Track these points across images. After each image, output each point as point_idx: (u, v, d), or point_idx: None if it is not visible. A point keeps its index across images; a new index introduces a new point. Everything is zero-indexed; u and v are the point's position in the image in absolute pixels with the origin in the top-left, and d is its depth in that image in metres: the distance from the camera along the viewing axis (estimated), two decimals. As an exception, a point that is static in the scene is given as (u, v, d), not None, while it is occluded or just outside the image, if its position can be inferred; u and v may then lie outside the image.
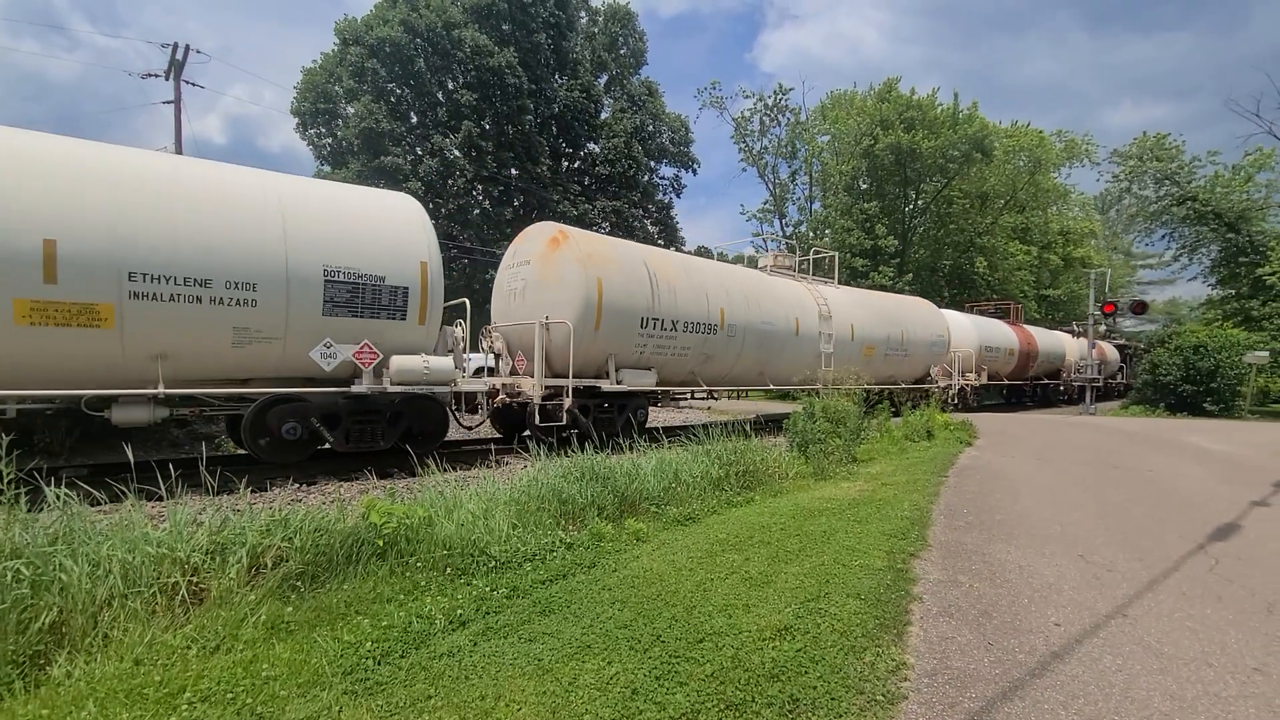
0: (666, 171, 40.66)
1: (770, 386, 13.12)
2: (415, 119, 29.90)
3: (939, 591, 3.92)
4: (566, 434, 9.34)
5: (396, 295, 7.71)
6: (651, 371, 10.74)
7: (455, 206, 29.31)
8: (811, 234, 39.09)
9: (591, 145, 35.86)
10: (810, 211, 40.87)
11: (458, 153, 29.30)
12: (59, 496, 3.55)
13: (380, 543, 3.76)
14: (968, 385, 20.75)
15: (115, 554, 3.23)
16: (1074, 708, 2.64)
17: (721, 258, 21.80)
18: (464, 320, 9.09)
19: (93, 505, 4.00)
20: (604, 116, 35.62)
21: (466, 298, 9.89)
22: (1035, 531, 5.39)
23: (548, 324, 9.51)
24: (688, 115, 39.30)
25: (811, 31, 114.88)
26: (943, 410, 17.68)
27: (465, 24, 28.44)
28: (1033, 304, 40.75)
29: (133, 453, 4.85)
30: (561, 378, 9.49)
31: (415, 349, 7.97)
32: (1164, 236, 28.36)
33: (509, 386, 9.78)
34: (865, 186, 37.53)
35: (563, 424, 9.39)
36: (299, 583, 3.45)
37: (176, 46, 18.72)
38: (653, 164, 38.07)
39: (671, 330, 10.81)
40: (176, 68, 18.81)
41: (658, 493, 5.76)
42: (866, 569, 4.19)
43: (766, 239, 42.85)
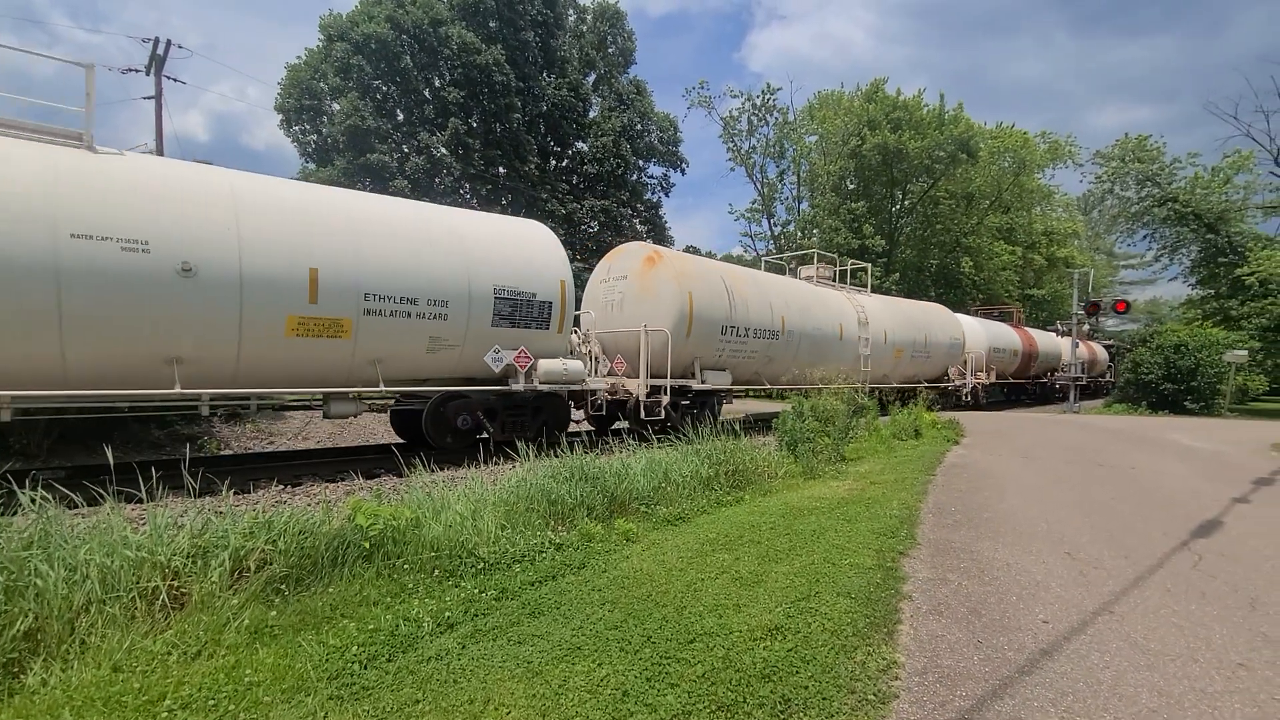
0: (655, 171, 40.64)
1: (820, 386, 13.83)
2: (401, 116, 29.64)
3: (929, 590, 3.93)
4: (658, 426, 10.40)
5: (543, 309, 9.27)
6: (727, 372, 12.35)
7: (449, 202, 29.17)
8: (799, 234, 39.27)
9: (580, 144, 35.74)
10: (798, 211, 41.08)
11: (445, 150, 29.09)
12: (34, 500, 3.46)
13: (366, 545, 3.71)
14: (979, 384, 22.01)
15: (93, 558, 3.15)
16: (1063, 705, 2.65)
17: (710, 257, 21.92)
18: (577, 329, 10.54)
19: (71, 508, 3.92)
20: (592, 115, 35.52)
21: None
22: (1022, 529, 5.43)
23: (648, 331, 10.78)
24: (676, 114, 39.36)
25: (799, 31, 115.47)
26: (956, 407, 19.76)
27: (452, 21, 28.23)
28: (1018, 304, 41.21)
29: (114, 454, 4.76)
30: (659, 378, 10.84)
31: (554, 354, 9.54)
32: (1145, 237, 28.74)
33: (616, 385, 10.99)
34: (852, 187, 37.75)
35: (660, 418, 10.67)
36: (283, 586, 3.39)
37: (158, 41, 18.45)
38: (641, 163, 38.01)
39: (744, 336, 12.48)
40: (158, 63, 18.51)
41: (647, 492, 5.74)
42: (856, 568, 4.20)
43: (755, 238, 43.02)
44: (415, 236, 8.25)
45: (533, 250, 9.45)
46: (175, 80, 19.77)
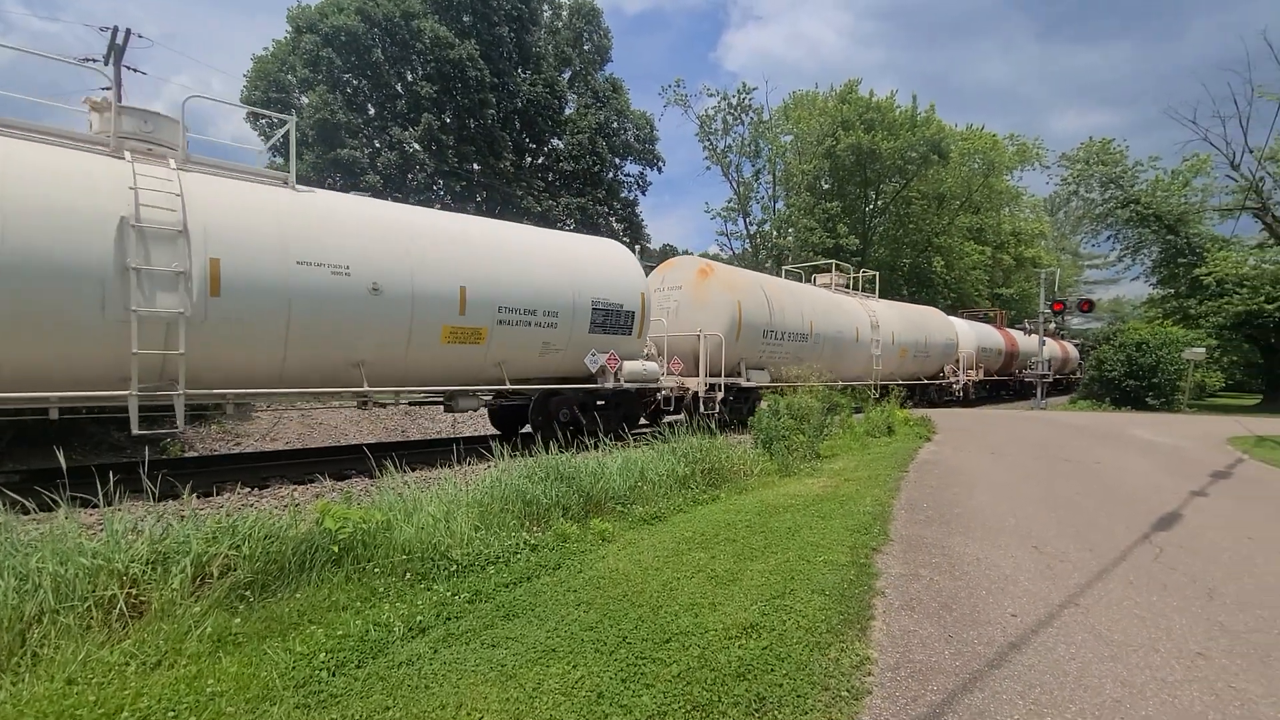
0: (631, 169, 40.58)
1: (839, 383, 15.69)
2: (373, 111, 29.13)
3: (901, 585, 3.97)
4: (714, 417, 11.57)
5: (628, 317, 10.69)
6: (765, 371, 13.88)
7: (416, 202, 28.65)
8: (775, 233, 39.57)
9: (555, 141, 35.53)
10: (774, 210, 41.36)
11: (417, 146, 28.69)
12: (-17, 506, 3.32)
13: (335, 549, 3.62)
14: (970, 380, 23.95)
15: (45, 566, 3.03)
16: (1031, 697, 2.69)
17: (687, 255, 22.30)
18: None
19: (24, 514, 3.76)
20: (568, 112, 35.32)
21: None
22: (991, 524, 5.53)
23: (705, 336, 12.20)
24: (652, 113, 39.29)
25: (774, 32, 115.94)
26: (949, 403, 21.81)
27: (424, 14, 27.82)
28: (987, 303, 42.05)
29: (73, 458, 4.59)
30: (714, 376, 12.37)
31: (634, 356, 10.92)
32: (1109, 238, 29.48)
33: (681, 384, 12.35)
34: (827, 186, 38.15)
35: (716, 411, 12.03)
36: (248, 592, 3.30)
37: (116, 31, 17.85)
38: (618, 161, 37.94)
39: (780, 339, 14.13)
40: (116, 52, 17.92)
41: (623, 492, 5.71)
42: (831, 565, 4.23)
43: (731, 237, 43.24)
44: (536, 257, 9.68)
45: (619, 267, 10.97)
46: (135, 71, 19.18)
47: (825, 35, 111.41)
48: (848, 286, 20.13)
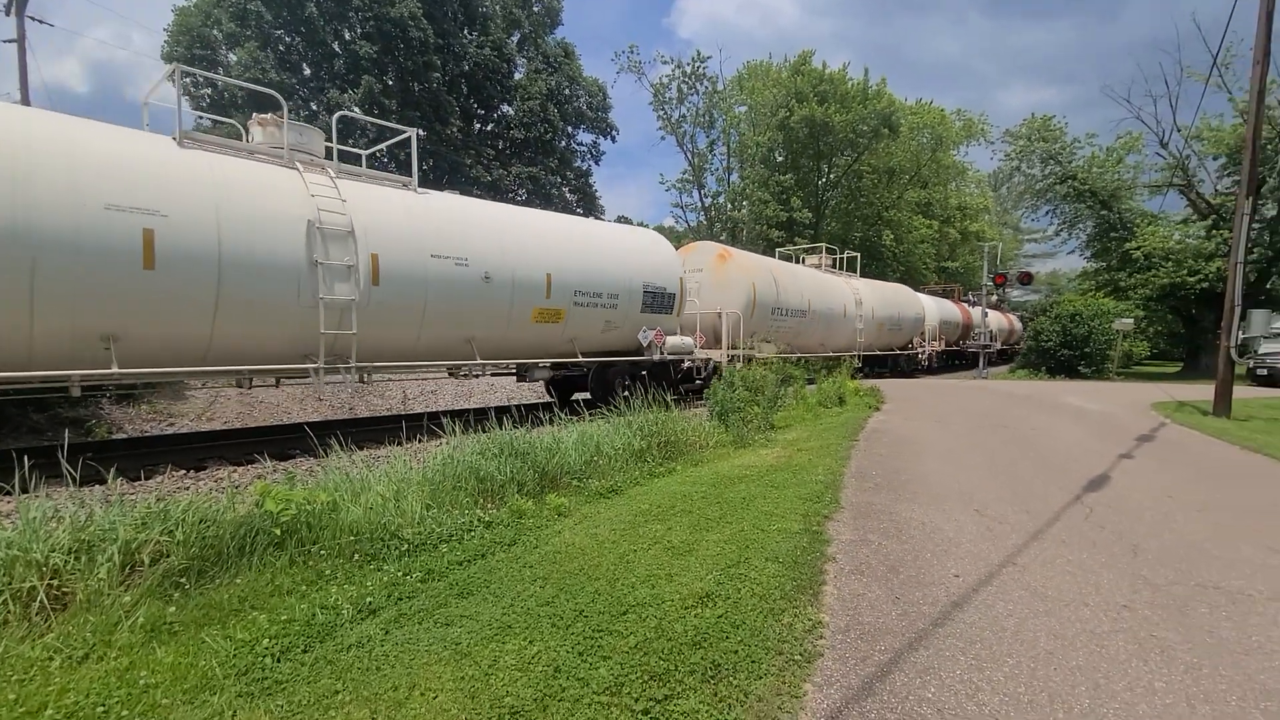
0: (584, 138, 39.84)
1: (829, 353, 18.46)
2: (308, 71, 27.61)
3: (851, 551, 4.09)
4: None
5: (670, 298, 12.38)
6: (772, 344, 15.58)
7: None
8: (730, 205, 39.63)
9: (505, 107, 34.49)
10: (728, 183, 41.36)
11: (357, 110, 27.40)
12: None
13: (278, 531, 3.48)
14: (934, 350, 26.47)
15: (-48, 559, 2.81)
16: (971, 653, 2.81)
17: (642, 227, 22.43)
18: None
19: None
20: (518, 77, 34.27)
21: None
22: (936, 490, 5.74)
23: (726, 314, 14.03)
24: (605, 80, 38.50)
25: None
26: (916, 371, 24.61)
27: (364, -32, 26.39)
28: (933, 275, 43.34)
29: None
30: (734, 349, 14.21)
31: (673, 332, 12.68)
32: (1048, 213, 30.69)
33: (706, 356, 14.05)
34: (781, 159, 38.28)
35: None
36: (183, 580, 3.14)
37: (18, -25, 16.23)
38: (570, 129, 37.15)
39: (785, 315, 16.12)
40: (18, 2, 16.34)
41: (579, 466, 5.68)
42: (784, 533, 4.31)
43: (686, 209, 43.10)
44: (601, 247, 11.34)
45: (663, 255, 12.71)
46: (42, 23, 17.57)
47: (779, 4, 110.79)
48: (834, 266, 22.21)
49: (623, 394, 10.29)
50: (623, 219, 42.42)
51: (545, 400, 13.13)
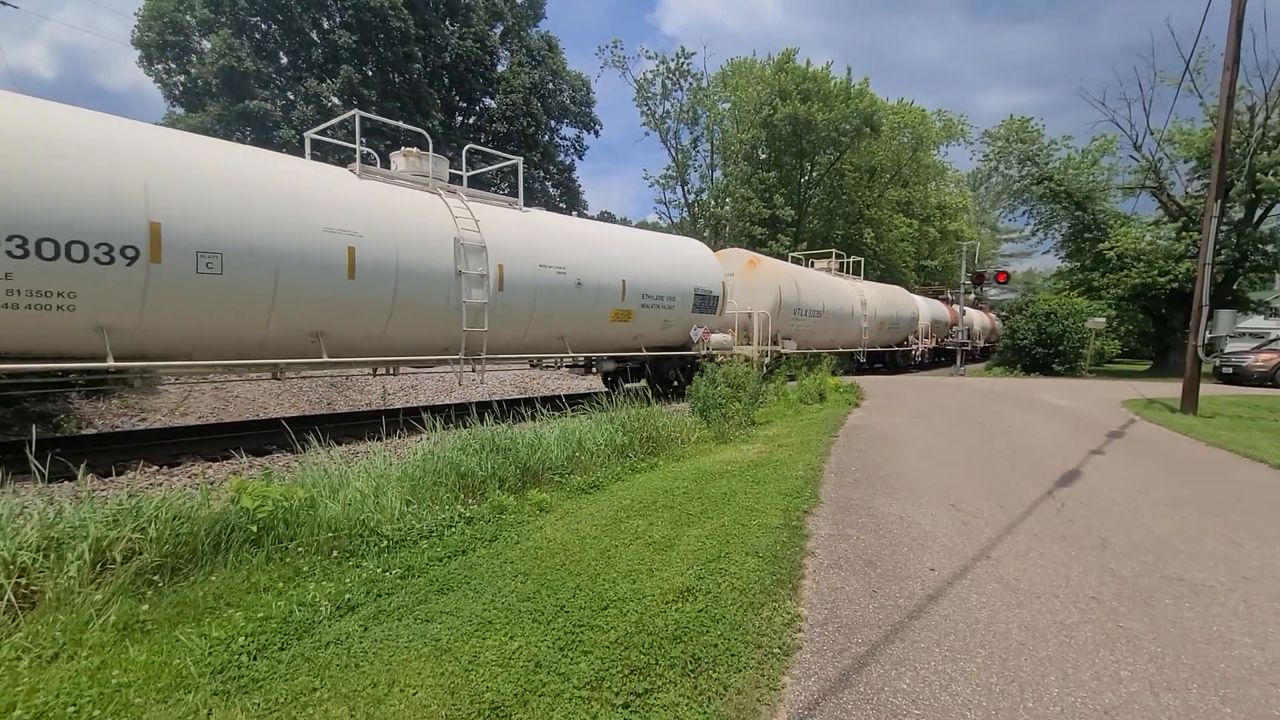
0: (568, 132, 39.63)
1: (839, 349, 20.68)
2: (286, 60, 27.07)
3: (830, 545, 4.14)
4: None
5: (714, 300, 13.88)
6: (793, 341, 17.53)
7: (336, 160, 26.98)
8: (713, 202, 39.68)
9: (488, 100, 34.16)
10: (712, 179, 41.39)
11: (336, 100, 26.94)
12: None
13: (254, 528, 3.43)
14: (926, 347, 28.23)
15: (-85, 558, 2.75)
16: (946, 644, 2.87)
17: (625, 224, 22.52)
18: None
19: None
20: (500, 70, 33.95)
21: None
22: (914, 485, 5.83)
23: (758, 314, 15.70)
24: (589, 75, 38.28)
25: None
26: (910, 366, 27.18)
27: (344, -44, 25.92)
28: (913, 274, 43.83)
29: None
30: (764, 345, 15.91)
31: (715, 330, 14.08)
32: (1024, 213, 31.15)
33: (740, 351, 15.22)
34: (764, 156, 38.38)
35: (767, 373, 14.92)
36: (156, 577, 3.08)
37: (-19, -45, 15.71)
38: (553, 123, 36.94)
39: (804, 315, 17.95)
40: (-18, -19, 15.81)
41: (561, 462, 5.68)
42: (764, 528, 4.35)
43: (670, 205, 43.07)
44: (660, 256, 12.96)
45: (708, 262, 14.16)
46: (5, 4, 16.99)
47: (763, 3, 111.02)
48: (842, 270, 24.20)
49: (674, 384, 13.32)
50: (606, 215, 42.35)
51: (526, 396, 13.32)
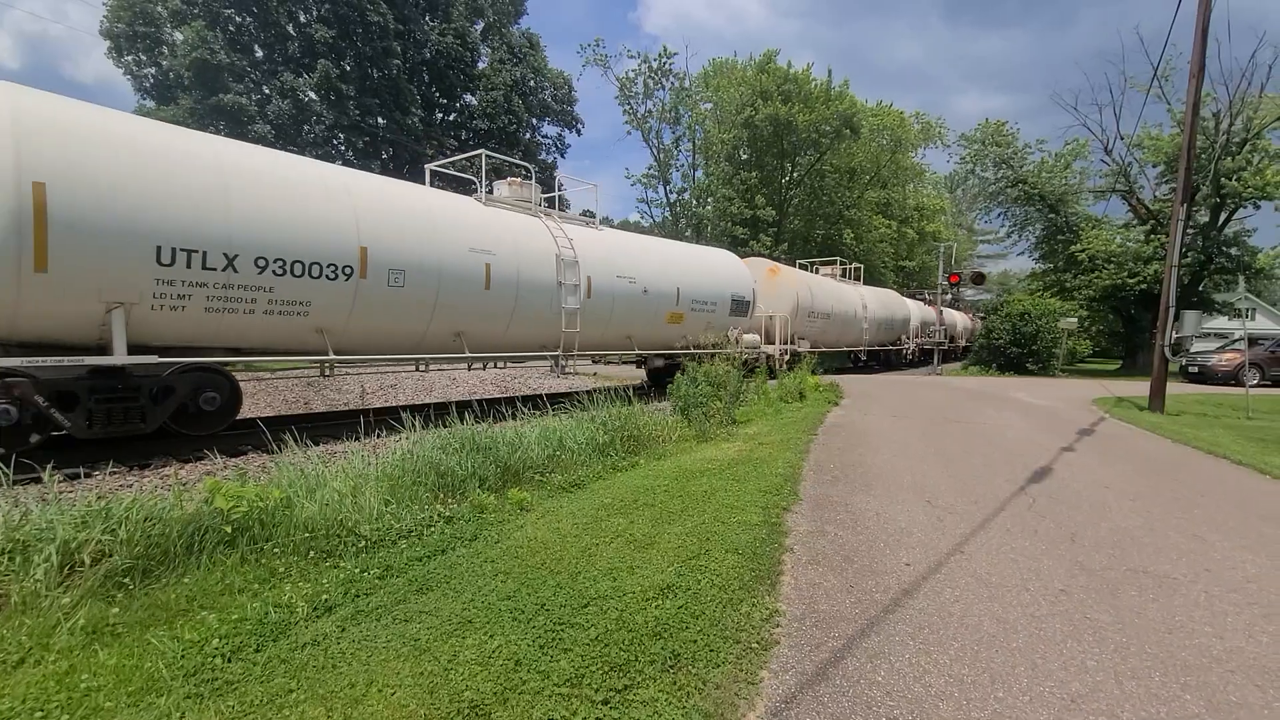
0: (549, 130, 39.48)
1: (844, 348, 23.72)
2: (261, 53, 26.60)
3: (808, 541, 4.19)
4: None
5: (747, 305, 15.84)
6: (807, 341, 19.50)
7: (313, 157, 26.59)
8: (695, 202, 39.80)
9: (468, 97, 33.89)
10: (694, 179, 41.52)
11: (313, 95, 26.54)
12: None
13: (228, 529, 3.38)
14: (915, 346, 30.25)
15: (-127, 562, 2.69)
16: (920, 637, 2.93)
17: (607, 224, 22.87)
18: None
19: None
20: (481, 67, 33.69)
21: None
22: (891, 482, 5.92)
23: (779, 317, 17.88)
24: (571, 73, 38.16)
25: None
26: (902, 365, 29.29)
27: (321, -50, 25.53)
28: (891, 274, 44.37)
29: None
30: (784, 345, 18.13)
31: (746, 331, 16.13)
32: (1000, 215, 31.80)
33: (764, 351, 17.43)
34: (745, 156, 38.60)
35: (783, 366, 17.41)
36: (127, 580, 3.03)
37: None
38: (535, 121, 36.76)
39: (816, 318, 20.11)
40: (-58, -33, 15.31)
41: (542, 461, 5.66)
42: (744, 525, 4.39)
43: (651, 205, 43.10)
44: (703, 265, 14.83)
45: (741, 271, 16.19)
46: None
47: (746, 3, 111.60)
48: (844, 275, 26.12)
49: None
50: (587, 213, 42.27)
51: (507, 395, 13.42)
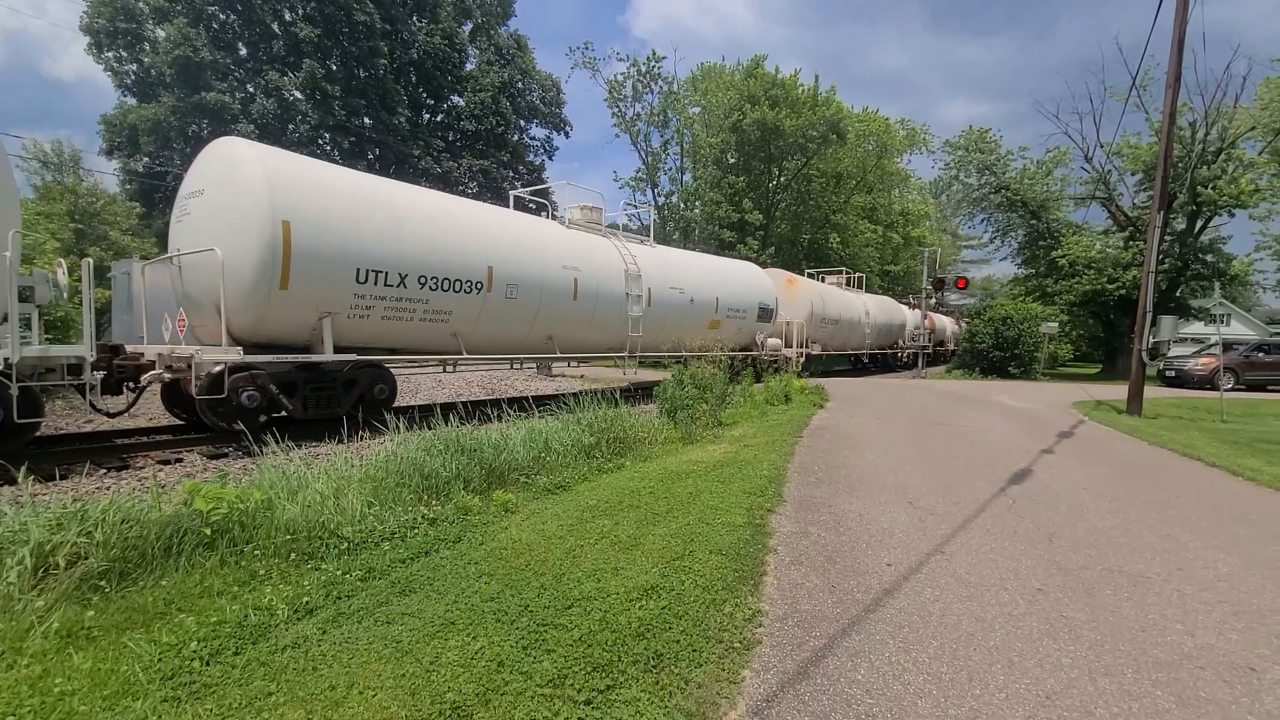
0: (538, 133, 39.41)
1: (849, 351, 26.63)
2: (245, 51, 26.32)
3: (791, 542, 4.22)
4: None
5: (770, 312, 17.95)
6: (818, 344, 21.80)
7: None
8: (682, 205, 39.90)
9: (456, 98, 33.75)
10: (681, 183, 41.62)
11: (299, 94, 26.30)
12: None
13: (207, 531, 3.34)
14: (916, 348, 30.90)
15: None
16: (900, 636, 2.96)
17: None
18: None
19: None
20: (469, 68, 33.57)
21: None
22: (874, 483, 5.98)
23: (792, 323, 19.80)
24: (559, 75, 38.13)
25: (684, 0, 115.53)
26: (897, 367, 31.37)
27: (306, -52, 25.34)
28: (877, 279, 44.74)
29: None
30: (800, 348, 20.14)
31: (769, 336, 18.46)
32: (983, 220, 32.20)
33: (783, 353, 19.48)
34: (733, 160, 38.77)
35: (800, 367, 19.74)
36: (103, 582, 2.98)
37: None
38: (523, 123, 36.69)
39: (827, 324, 22.24)
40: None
41: (527, 463, 5.66)
42: (728, 526, 4.41)
43: (639, 208, 43.14)
44: (735, 276, 16.97)
45: (765, 281, 18.38)
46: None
47: (734, 9, 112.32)
48: (848, 284, 27.87)
49: (736, 376, 15.61)
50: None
51: (493, 397, 13.55)
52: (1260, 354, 20.63)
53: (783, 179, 40.08)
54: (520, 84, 35.42)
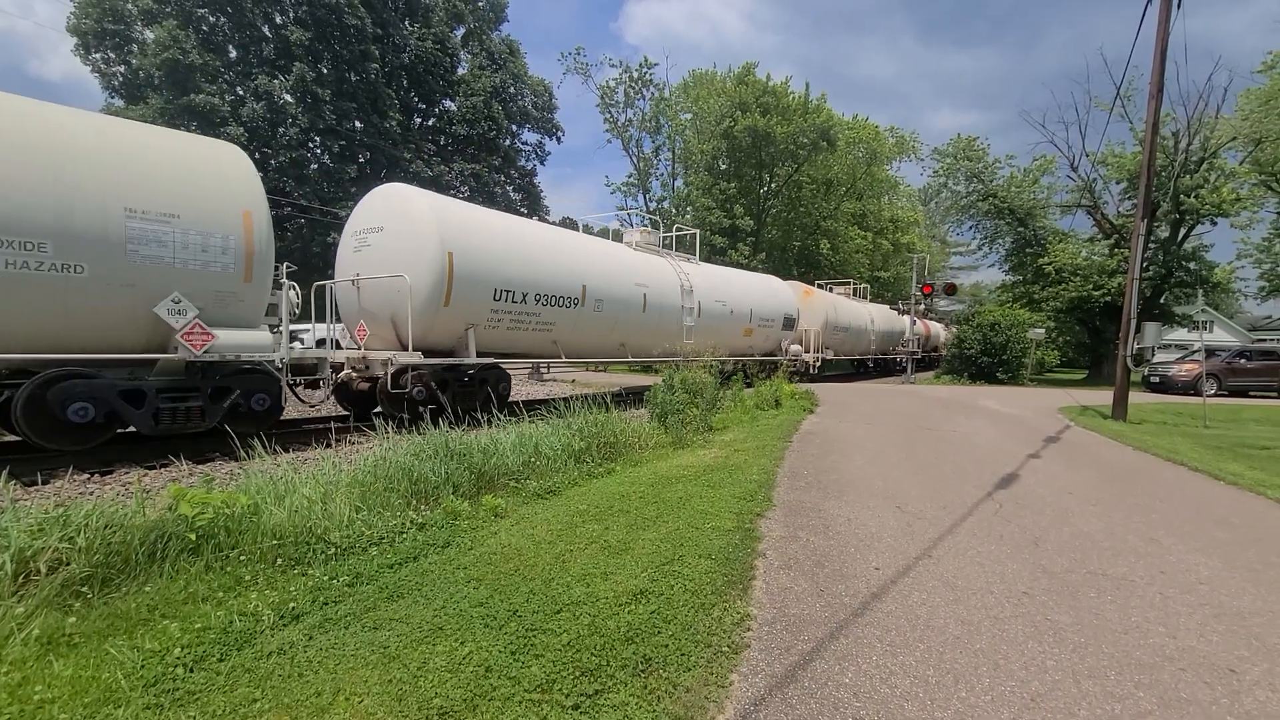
0: (530, 138, 39.46)
1: (856, 356, 28.38)
2: (235, 54, 26.18)
3: (780, 546, 4.23)
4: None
5: (793, 321, 20.28)
6: (831, 350, 23.94)
7: (288, 159, 26.10)
8: (674, 210, 40.04)
9: (448, 103, 33.72)
10: (673, 188, 41.79)
11: (289, 98, 26.17)
12: None
13: (192, 536, 3.31)
14: (922, 352, 33.80)
15: None
16: (887, 640, 2.98)
17: (587, 229, 23.09)
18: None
19: None
20: (461, 72, 33.58)
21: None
22: (863, 488, 6.01)
23: (809, 331, 22.08)
24: (551, 80, 38.21)
25: (676, 8, 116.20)
26: (897, 371, 32.31)
27: (298, -49, 25.28)
28: (866, 285, 45.06)
29: None
30: (817, 353, 22.64)
31: (792, 343, 20.89)
32: (971, 227, 32.51)
33: (801, 359, 21.92)
34: (725, 167, 38.99)
35: (816, 370, 22.87)
36: (85, 588, 2.95)
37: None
38: (514, 128, 36.70)
39: (839, 331, 24.48)
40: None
41: (517, 467, 5.65)
42: (718, 530, 4.42)
43: (631, 214, 43.24)
44: (763, 289, 18.91)
45: (788, 293, 20.50)
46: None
47: (726, 16, 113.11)
48: (854, 293, 30.08)
49: (763, 376, 17.20)
50: (568, 220, 42.20)
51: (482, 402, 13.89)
52: (1242, 360, 20.91)
53: (774, 185, 40.34)
54: (512, 89, 35.46)
